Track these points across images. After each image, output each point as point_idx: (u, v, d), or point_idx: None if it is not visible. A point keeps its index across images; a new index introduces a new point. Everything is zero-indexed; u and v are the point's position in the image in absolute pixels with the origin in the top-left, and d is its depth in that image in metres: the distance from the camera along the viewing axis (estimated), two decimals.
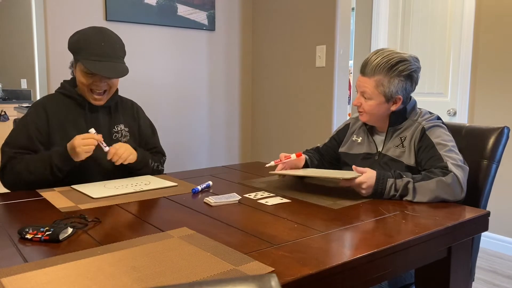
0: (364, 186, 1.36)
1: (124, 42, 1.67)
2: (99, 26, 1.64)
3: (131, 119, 1.77)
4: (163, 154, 1.87)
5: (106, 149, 1.54)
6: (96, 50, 1.54)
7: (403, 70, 1.46)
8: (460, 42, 3.00)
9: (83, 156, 1.48)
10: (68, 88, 1.65)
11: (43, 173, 1.50)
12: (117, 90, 1.73)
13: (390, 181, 1.35)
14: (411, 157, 1.49)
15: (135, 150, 1.65)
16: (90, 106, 1.64)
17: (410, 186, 1.33)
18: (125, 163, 1.59)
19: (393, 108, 1.51)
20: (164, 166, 1.86)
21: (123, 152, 1.57)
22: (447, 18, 3.10)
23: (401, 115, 1.54)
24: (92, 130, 1.52)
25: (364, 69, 1.50)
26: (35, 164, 1.50)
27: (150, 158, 1.74)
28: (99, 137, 1.51)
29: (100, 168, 1.61)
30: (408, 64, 1.47)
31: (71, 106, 1.64)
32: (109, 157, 1.55)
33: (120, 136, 1.70)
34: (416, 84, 1.55)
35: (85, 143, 1.47)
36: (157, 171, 1.78)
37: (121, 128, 1.72)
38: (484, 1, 2.83)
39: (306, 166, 1.68)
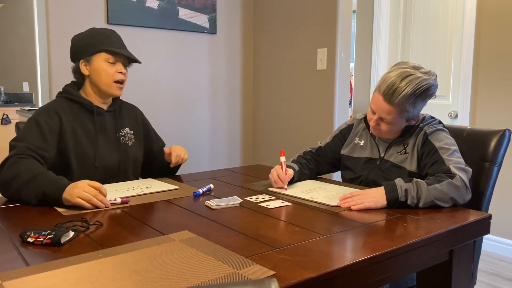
0: (358, 198, 1.31)
1: (125, 45, 1.69)
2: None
3: (135, 122, 1.78)
4: None
5: (118, 200, 1.32)
6: (115, 40, 1.62)
7: (428, 95, 1.44)
8: (462, 45, 3.00)
9: (73, 201, 1.26)
10: (72, 93, 1.61)
11: (29, 191, 1.31)
12: None
13: (403, 185, 1.31)
14: (413, 163, 1.49)
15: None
16: (97, 111, 1.63)
17: (424, 187, 1.30)
18: (183, 162, 1.75)
19: (410, 124, 1.51)
20: None
21: (184, 154, 1.75)
22: (448, 20, 3.10)
23: (412, 126, 1.53)
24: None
25: (391, 97, 1.40)
26: (30, 177, 1.32)
27: None
28: (105, 199, 1.30)
29: (100, 172, 1.62)
30: (433, 87, 1.43)
31: (79, 110, 1.60)
32: (174, 161, 1.71)
33: (127, 139, 1.71)
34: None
35: (87, 191, 1.26)
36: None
37: (126, 131, 1.72)
38: (486, 3, 2.83)
39: (293, 178, 1.59)
